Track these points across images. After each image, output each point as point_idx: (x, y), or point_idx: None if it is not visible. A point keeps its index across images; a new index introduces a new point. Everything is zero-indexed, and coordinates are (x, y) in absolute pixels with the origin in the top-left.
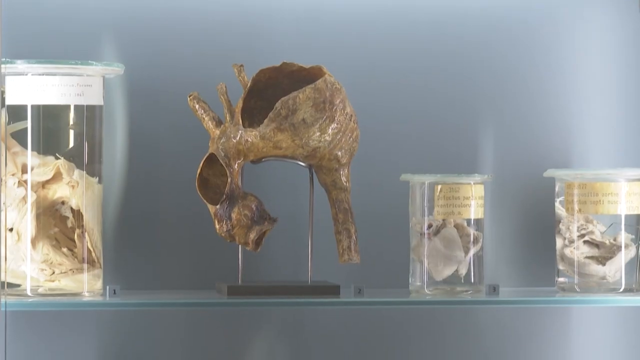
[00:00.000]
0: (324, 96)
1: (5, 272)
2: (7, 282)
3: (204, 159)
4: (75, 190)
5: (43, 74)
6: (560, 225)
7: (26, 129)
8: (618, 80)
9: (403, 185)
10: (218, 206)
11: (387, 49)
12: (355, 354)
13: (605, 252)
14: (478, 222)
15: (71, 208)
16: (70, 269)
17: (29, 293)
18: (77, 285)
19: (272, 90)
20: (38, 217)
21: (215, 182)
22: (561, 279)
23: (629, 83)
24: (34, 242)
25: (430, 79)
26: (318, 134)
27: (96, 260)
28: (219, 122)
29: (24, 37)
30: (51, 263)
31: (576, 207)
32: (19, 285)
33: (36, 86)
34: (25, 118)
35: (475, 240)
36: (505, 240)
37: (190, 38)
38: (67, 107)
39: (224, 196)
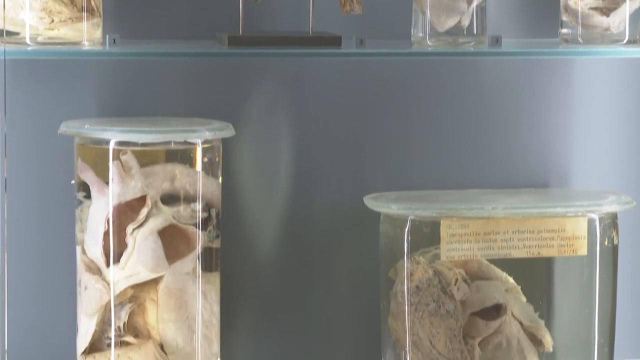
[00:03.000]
0: None
1: (4, 19)
2: (6, 30)
3: None
4: None
5: None
6: None
7: None
8: None
9: None
10: None
11: None
12: (355, 106)
13: (609, 3)
14: None
15: None
16: (70, 18)
17: (28, 41)
18: (77, 34)
19: None
20: None
21: None
22: (564, 30)
23: None
24: None
25: None
26: None
27: (95, 9)
28: None
29: None
30: (50, 11)
31: None
32: (18, 34)
33: None
34: None
35: None
36: None
37: None
38: None
39: None
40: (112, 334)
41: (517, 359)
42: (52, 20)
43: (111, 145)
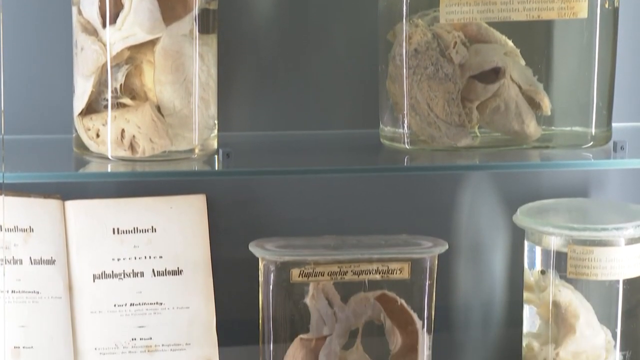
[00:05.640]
0: None
1: None
2: None
3: None
4: None
5: None
6: None
7: None
8: None
9: None
10: None
11: None
12: None
13: None
14: None
15: None
16: None
17: None
18: None
19: None
20: None
21: None
22: None
23: None
24: None
25: None
26: None
27: None
28: None
29: None
30: None
31: None
32: None
33: None
34: None
35: None
36: None
37: None
38: None
39: None
40: (109, 95)
41: (515, 122)
42: None
43: None
